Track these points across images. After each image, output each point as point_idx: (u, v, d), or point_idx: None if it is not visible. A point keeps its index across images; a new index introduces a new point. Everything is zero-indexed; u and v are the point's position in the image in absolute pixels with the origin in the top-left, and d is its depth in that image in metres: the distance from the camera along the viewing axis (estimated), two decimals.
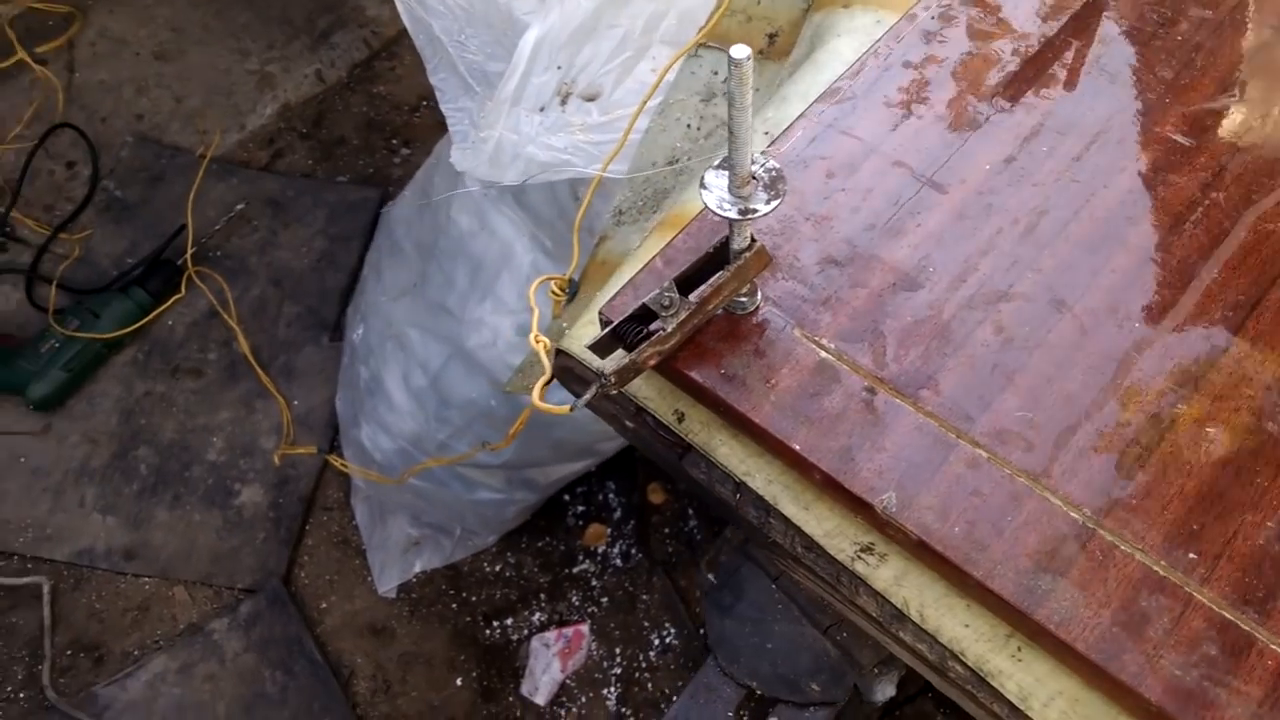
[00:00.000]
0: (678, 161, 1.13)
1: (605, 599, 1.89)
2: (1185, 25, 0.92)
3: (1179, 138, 0.84)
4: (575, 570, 1.92)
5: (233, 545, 1.89)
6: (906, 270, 0.77)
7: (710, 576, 1.72)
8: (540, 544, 1.95)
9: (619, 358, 0.75)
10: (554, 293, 1.11)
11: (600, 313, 0.79)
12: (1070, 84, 0.86)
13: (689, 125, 1.14)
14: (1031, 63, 0.87)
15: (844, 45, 0.93)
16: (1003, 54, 0.87)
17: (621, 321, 0.74)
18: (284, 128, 2.35)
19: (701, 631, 1.84)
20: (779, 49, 1.11)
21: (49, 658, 1.79)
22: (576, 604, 1.89)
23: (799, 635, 0.83)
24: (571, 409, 0.75)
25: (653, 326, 0.74)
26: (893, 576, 0.71)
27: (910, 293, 0.76)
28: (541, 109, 1.21)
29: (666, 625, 1.86)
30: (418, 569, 1.89)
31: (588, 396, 0.74)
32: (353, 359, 1.87)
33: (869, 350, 0.74)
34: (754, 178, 0.68)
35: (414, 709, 1.79)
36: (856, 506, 0.70)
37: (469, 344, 1.62)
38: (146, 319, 2.04)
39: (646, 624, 1.86)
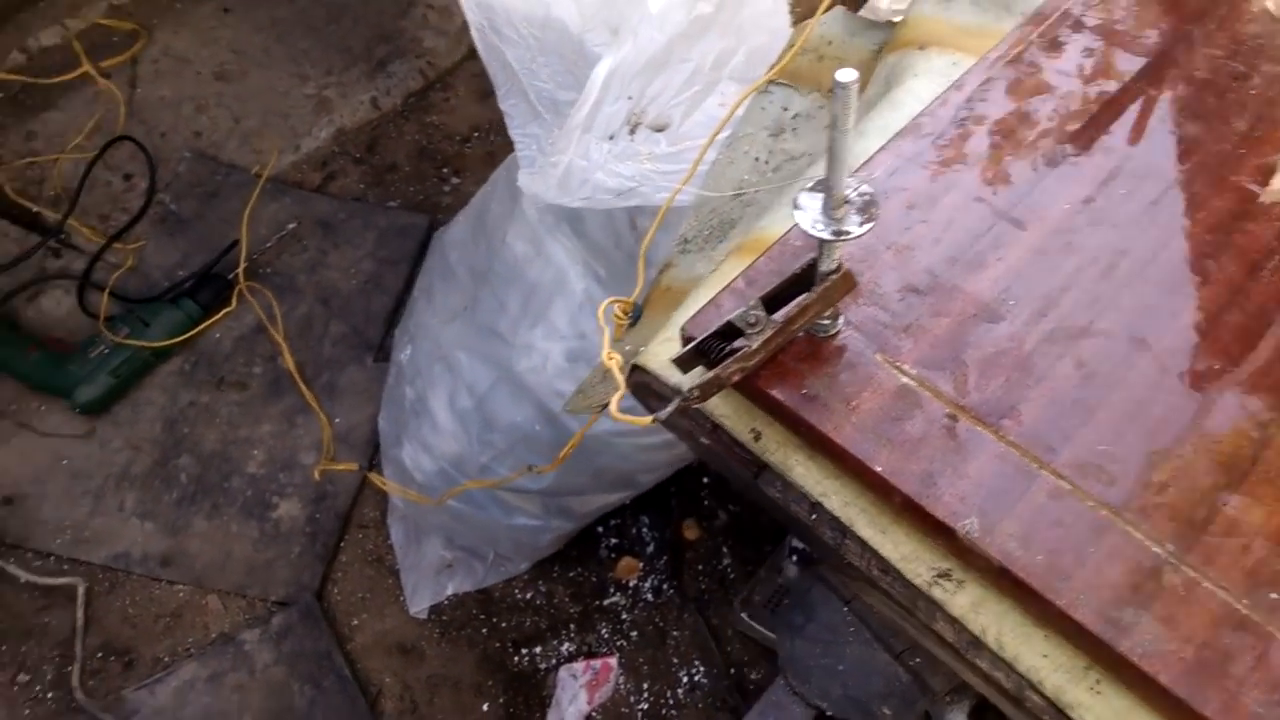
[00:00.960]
0: (744, 194, 1.15)
1: (635, 633, 1.89)
2: (1258, 80, 0.93)
3: (1254, 187, 0.85)
4: (606, 602, 1.92)
5: (268, 557, 1.90)
6: (987, 302, 0.78)
7: (744, 615, 1.71)
8: (572, 574, 1.95)
9: (700, 373, 0.77)
10: (618, 316, 1.13)
11: (682, 329, 0.80)
12: (1146, 131, 0.87)
13: (756, 159, 1.16)
14: (1108, 108, 0.89)
15: (920, 85, 0.95)
16: (1079, 98, 0.89)
17: (706, 337, 0.75)
18: (338, 151, 2.39)
19: (731, 672, 1.83)
20: None
21: (79, 659, 1.79)
22: (606, 636, 1.89)
23: (871, 658, 0.83)
24: (653, 420, 0.76)
25: (736, 344, 0.75)
26: (970, 603, 0.71)
27: (991, 324, 0.77)
28: (611, 137, 1.24)
29: (696, 663, 1.85)
30: (450, 591, 1.89)
31: (670, 409, 0.75)
32: (399, 379, 1.89)
33: (950, 378, 0.75)
34: (847, 201, 0.69)
35: None
36: (936, 531, 0.71)
37: (518, 368, 1.64)
38: (195, 330, 2.06)
39: (676, 660, 1.86)
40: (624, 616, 1.90)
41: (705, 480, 1.98)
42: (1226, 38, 0.93)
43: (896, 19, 1.11)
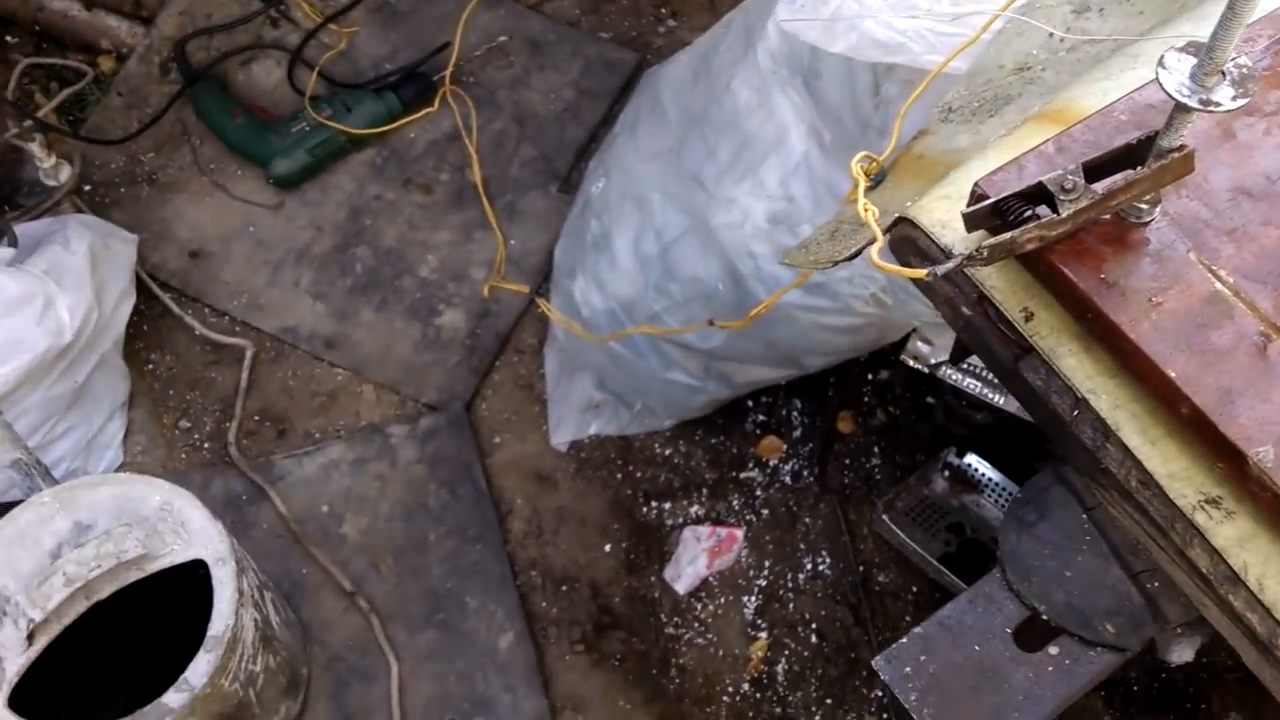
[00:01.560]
0: (1029, 69, 1.06)
1: (766, 511, 1.87)
2: None
3: None
4: (743, 475, 1.90)
5: (426, 360, 1.93)
6: None
7: (886, 518, 1.67)
8: (714, 440, 1.93)
9: (984, 235, 0.71)
10: (865, 173, 1.06)
11: (976, 184, 0.74)
12: None
13: (1051, 34, 1.06)
14: None
15: None
16: None
17: (1008, 195, 0.69)
18: None
19: (860, 569, 1.80)
20: None
21: (238, 418, 1.86)
22: (736, 508, 1.87)
23: (1103, 572, 0.78)
24: (928, 275, 0.71)
25: (1040, 209, 0.68)
26: (1237, 536, 0.65)
27: None
28: None
29: (824, 553, 1.82)
30: (593, 430, 1.90)
31: (953, 264, 0.69)
32: (585, 211, 1.86)
33: (1272, 294, 0.67)
34: (1223, 71, 0.61)
35: (560, 561, 1.81)
36: (1221, 453, 0.65)
37: (714, 221, 1.59)
38: (394, 125, 2.06)
39: (803, 546, 1.83)
40: (758, 493, 1.88)
41: (870, 377, 1.92)
42: None
43: None
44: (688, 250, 1.65)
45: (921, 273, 0.71)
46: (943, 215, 0.77)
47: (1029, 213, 0.68)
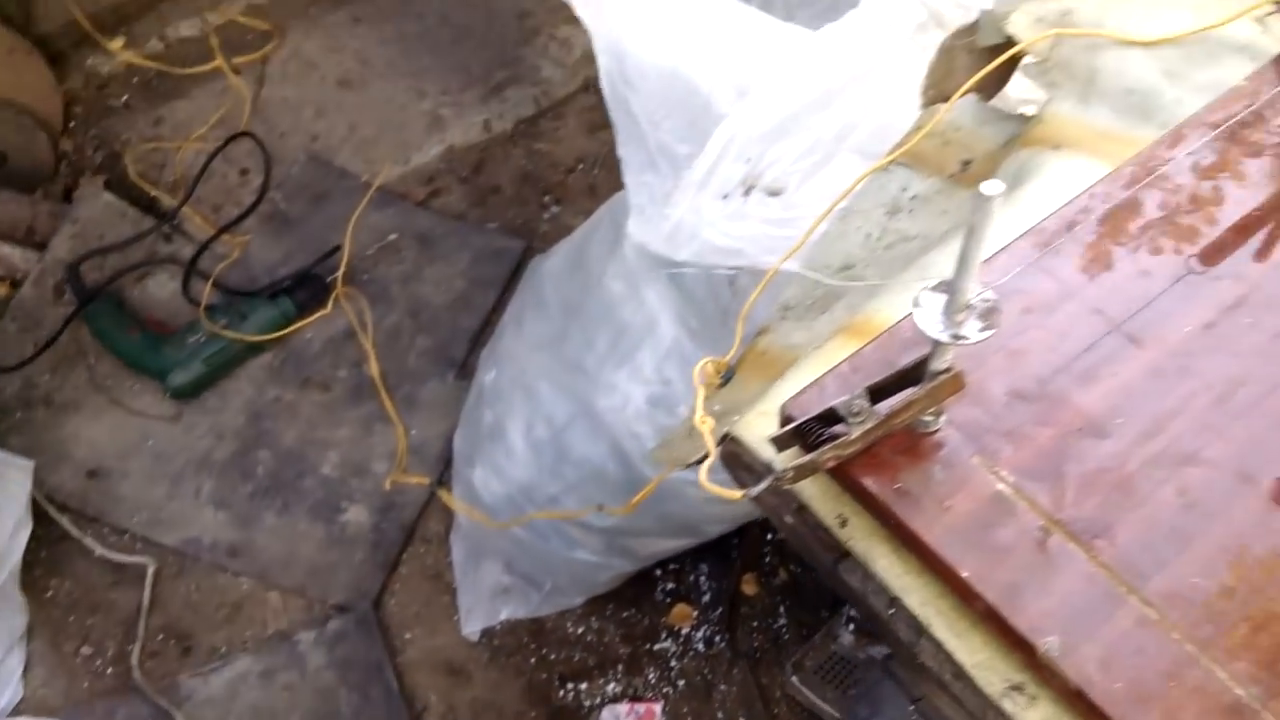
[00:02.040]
0: (853, 267, 1.15)
1: (682, 681, 1.88)
2: None
3: None
4: (656, 647, 1.92)
5: (331, 560, 1.93)
6: (1095, 417, 0.77)
7: (795, 679, 1.70)
8: (625, 614, 1.95)
9: (795, 454, 0.77)
10: (711, 375, 1.14)
11: (783, 408, 0.81)
12: (1276, 262, 0.86)
13: (869, 235, 1.17)
14: (1241, 233, 0.87)
15: (1050, 187, 0.95)
16: (1214, 220, 0.88)
17: (806, 420, 0.76)
18: (445, 169, 2.45)
19: None
20: (971, 176, 1.13)
21: (140, 639, 1.84)
22: (652, 681, 1.88)
23: None
24: (743, 496, 0.77)
25: (835, 430, 0.76)
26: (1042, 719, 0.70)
27: (1097, 440, 0.76)
28: (725, 196, 1.25)
29: (740, 719, 1.83)
30: (504, 616, 1.91)
31: (762, 487, 0.75)
32: (479, 401, 1.92)
33: (1048, 490, 0.74)
34: (969, 305, 0.70)
35: None
36: (1015, 644, 0.70)
37: (598, 405, 1.66)
38: (290, 328, 2.12)
39: (721, 715, 1.84)
40: (673, 663, 1.89)
41: (769, 537, 1.97)
42: None
43: (1028, 111, 1.10)
44: (577, 434, 1.71)
45: (737, 495, 0.77)
46: (762, 431, 0.83)
47: (825, 434, 0.75)
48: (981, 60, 1.11)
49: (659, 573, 1.97)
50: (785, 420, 0.79)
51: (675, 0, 1.32)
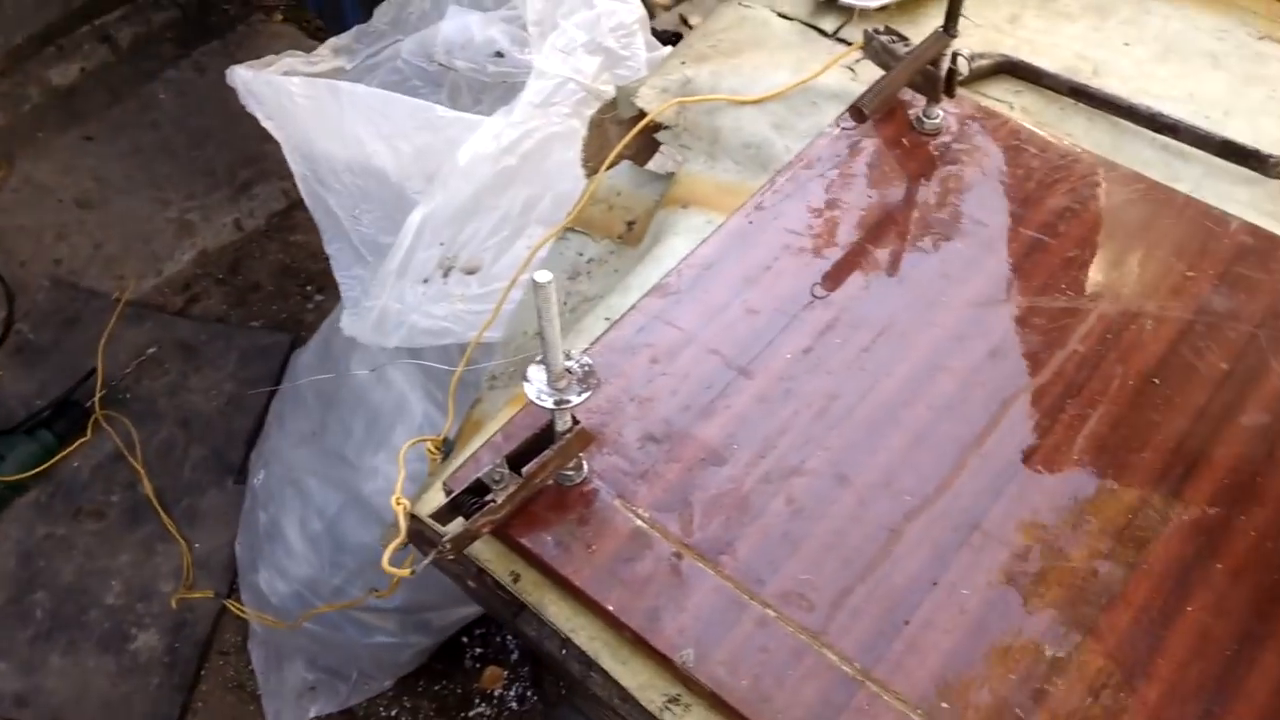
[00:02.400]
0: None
1: None
2: (958, 238, 1.05)
3: (950, 334, 0.96)
4: (471, 714, 1.95)
5: (125, 691, 1.89)
6: (715, 447, 0.88)
7: None
8: (437, 687, 1.98)
9: (458, 525, 0.84)
10: (431, 452, 1.20)
11: (444, 482, 0.88)
12: (860, 284, 0.99)
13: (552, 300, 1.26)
14: (836, 265, 1.00)
15: (679, 243, 1.06)
16: (810, 256, 1.00)
17: (459, 493, 0.83)
18: (200, 273, 2.44)
19: None
20: (635, 236, 1.23)
21: None
22: None
23: None
24: (412, 572, 0.83)
25: (487, 497, 0.83)
26: None
27: (717, 467, 0.87)
28: (425, 280, 1.33)
29: None
30: (313, 714, 1.91)
31: (426, 561, 0.82)
32: (253, 504, 1.92)
33: (678, 519, 0.84)
34: (569, 372, 0.79)
35: None
36: (662, 662, 0.79)
37: (365, 491, 1.70)
38: (51, 462, 2.07)
39: None
40: None
41: None
42: (936, 195, 1.06)
43: (668, 172, 1.22)
44: (350, 523, 1.74)
45: (405, 571, 0.83)
46: (437, 505, 0.90)
47: (479, 503, 0.83)
48: (626, 131, 1.23)
49: (465, 639, 2.01)
50: (447, 493, 0.87)
51: (357, 100, 1.39)
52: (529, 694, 1.97)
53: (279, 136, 1.39)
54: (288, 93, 1.35)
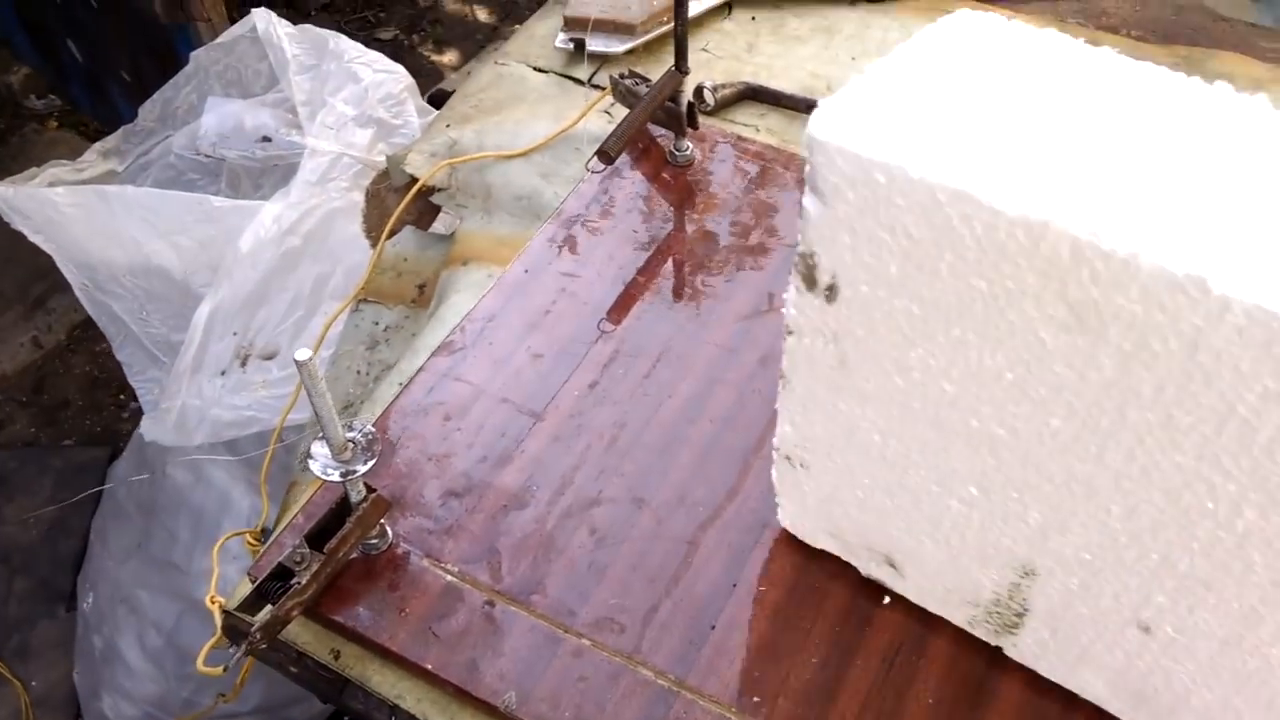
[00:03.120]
0: (351, 406, 1.25)
1: None
2: (720, 258, 1.11)
3: (723, 348, 1.01)
4: None
5: None
6: (515, 492, 0.90)
7: None
8: None
9: (266, 613, 0.84)
10: (249, 543, 1.19)
11: (249, 573, 0.88)
12: (636, 316, 1.03)
13: (359, 372, 1.27)
14: (616, 302, 1.04)
15: (461, 300, 1.09)
16: (586, 296, 1.04)
17: (263, 580, 0.83)
18: (1, 399, 2.33)
19: None
20: (427, 298, 1.26)
21: None
22: None
23: None
24: (224, 669, 0.83)
25: (292, 580, 0.83)
26: None
27: (520, 511, 0.89)
28: (223, 372, 1.31)
29: None
30: None
31: (239, 655, 0.82)
32: (86, 629, 1.84)
33: (487, 567, 0.86)
34: (352, 443, 0.80)
35: None
36: (487, 709, 0.81)
37: (199, 595, 1.65)
38: None
39: None
40: None
41: None
42: (696, 221, 1.12)
43: (448, 232, 1.25)
44: (190, 630, 1.69)
45: (217, 670, 0.83)
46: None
47: (281, 588, 0.83)
48: (402, 199, 1.25)
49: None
50: (253, 581, 0.86)
51: (128, 201, 1.37)
52: None
53: (49, 250, 1.36)
54: (53, 204, 1.32)
